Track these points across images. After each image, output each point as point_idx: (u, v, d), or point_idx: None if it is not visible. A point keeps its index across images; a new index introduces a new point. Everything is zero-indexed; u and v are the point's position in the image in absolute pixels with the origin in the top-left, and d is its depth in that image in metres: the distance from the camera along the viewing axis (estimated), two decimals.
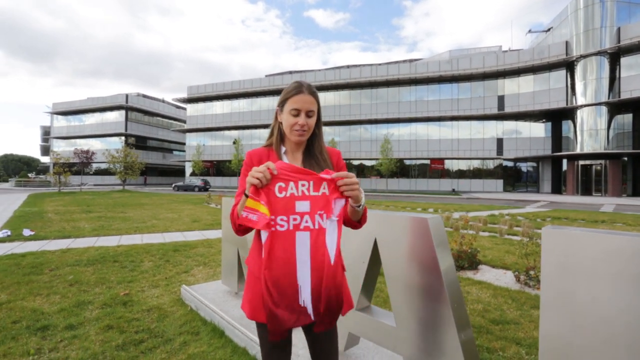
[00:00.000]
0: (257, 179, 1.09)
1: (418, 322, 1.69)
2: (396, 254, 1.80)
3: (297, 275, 1.14)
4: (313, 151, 1.38)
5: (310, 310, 1.16)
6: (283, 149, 1.39)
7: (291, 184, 1.14)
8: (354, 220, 1.27)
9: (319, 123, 1.38)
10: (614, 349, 1.14)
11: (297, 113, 1.28)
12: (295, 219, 1.15)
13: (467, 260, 4.58)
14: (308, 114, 1.29)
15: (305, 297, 1.15)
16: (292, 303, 1.14)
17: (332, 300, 1.17)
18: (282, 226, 1.14)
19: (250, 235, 2.80)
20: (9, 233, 7.23)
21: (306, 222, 1.15)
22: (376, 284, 2.17)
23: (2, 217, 10.33)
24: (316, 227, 1.15)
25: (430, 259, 1.63)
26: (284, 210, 1.14)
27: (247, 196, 1.13)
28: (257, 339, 2.37)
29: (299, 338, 2.19)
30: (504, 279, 4.30)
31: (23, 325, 2.81)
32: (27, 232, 7.37)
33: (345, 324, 2.12)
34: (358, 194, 1.17)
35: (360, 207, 1.22)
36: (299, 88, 1.29)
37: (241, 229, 1.21)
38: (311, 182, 1.16)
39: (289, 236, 1.14)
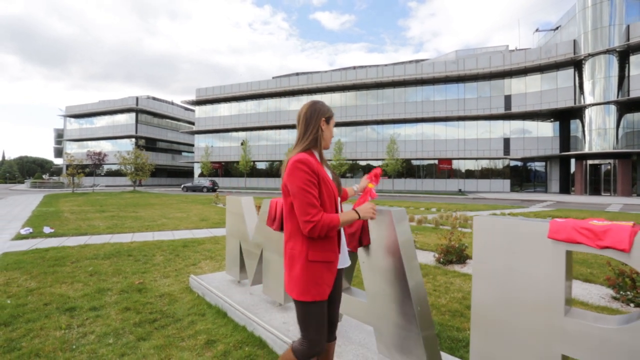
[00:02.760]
0: (374, 214, 1.64)
1: (384, 298, 2.03)
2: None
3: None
4: (324, 158, 1.73)
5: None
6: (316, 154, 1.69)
7: None
8: None
9: None
10: (524, 307, 1.46)
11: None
12: None
13: (455, 255, 4.87)
14: None
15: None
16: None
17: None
18: None
19: (279, 237, 3.18)
20: (31, 230, 7.76)
21: None
22: (355, 269, 2.50)
23: (23, 216, 10.94)
24: None
25: (393, 245, 1.96)
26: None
27: (358, 216, 1.59)
28: (255, 318, 2.74)
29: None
30: None
31: (53, 306, 3.23)
32: (47, 230, 7.88)
33: None
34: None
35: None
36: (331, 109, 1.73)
37: (330, 235, 1.58)
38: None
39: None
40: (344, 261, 1.69)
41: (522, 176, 34.64)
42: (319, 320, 1.55)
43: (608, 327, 1.26)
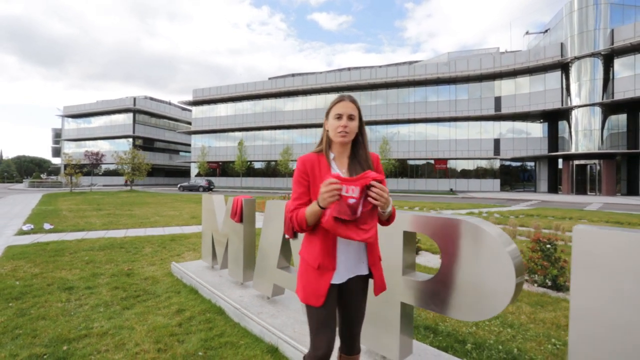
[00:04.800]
0: (334, 196, 1.28)
1: None
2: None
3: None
4: (358, 157, 1.55)
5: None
6: (332, 155, 1.56)
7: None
8: (382, 219, 1.47)
9: (362, 130, 1.57)
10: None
11: (339, 117, 1.49)
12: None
13: None
14: (349, 117, 1.50)
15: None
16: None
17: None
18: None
19: (240, 227, 3.83)
20: (32, 227, 8.40)
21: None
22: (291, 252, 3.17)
23: (24, 214, 11.57)
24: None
25: None
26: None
27: (322, 208, 1.32)
28: (218, 292, 3.42)
29: None
30: (438, 261, 5.27)
31: (55, 286, 3.89)
32: (47, 226, 8.52)
33: (271, 278, 3.13)
34: (384, 203, 1.32)
35: (386, 213, 1.41)
36: (341, 98, 1.53)
37: (305, 230, 1.43)
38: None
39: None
40: (339, 277, 1.48)
41: (512, 176, 35.42)
42: (315, 324, 1.49)
43: (419, 281, 1.94)
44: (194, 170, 47.83)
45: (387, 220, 1.48)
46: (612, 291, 1.23)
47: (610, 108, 28.34)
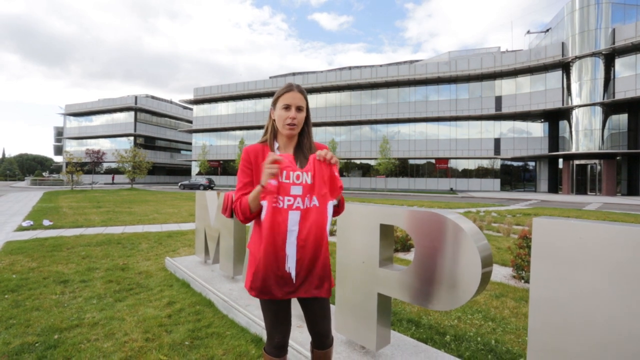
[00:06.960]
0: (275, 170, 1.33)
1: None
2: None
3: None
4: (303, 147, 1.54)
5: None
6: (276, 144, 1.54)
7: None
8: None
9: (308, 121, 1.55)
10: (360, 263, 2.20)
11: (287, 107, 1.46)
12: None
13: (400, 244, 5.62)
14: (298, 109, 1.47)
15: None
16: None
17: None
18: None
19: (230, 223, 3.92)
20: (32, 223, 8.50)
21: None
22: None
23: (24, 211, 11.69)
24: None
25: None
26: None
27: (262, 187, 1.34)
28: (208, 286, 3.50)
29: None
30: None
31: (50, 280, 3.98)
32: (46, 222, 8.63)
33: None
34: (330, 157, 1.38)
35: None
36: (289, 87, 1.48)
37: (250, 218, 1.42)
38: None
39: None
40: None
41: (512, 175, 35.38)
42: (269, 316, 1.48)
43: (395, 272, 2.00)
44: (195, 169, 47.99)
45: (337, 206, 1.47)
46: (568, 280, 1.29)
47: (611, 108, 28.27)
